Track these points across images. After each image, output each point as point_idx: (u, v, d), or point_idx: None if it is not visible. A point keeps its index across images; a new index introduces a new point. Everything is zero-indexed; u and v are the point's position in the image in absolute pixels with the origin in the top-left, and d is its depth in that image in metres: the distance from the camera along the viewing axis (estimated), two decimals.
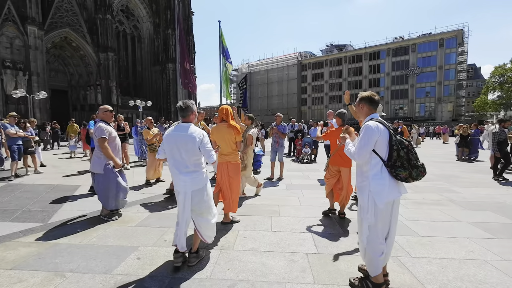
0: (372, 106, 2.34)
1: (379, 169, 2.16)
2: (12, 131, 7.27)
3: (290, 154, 12.65)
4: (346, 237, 3.39)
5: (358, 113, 2.46)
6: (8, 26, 23.76)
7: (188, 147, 2.64)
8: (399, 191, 2.16)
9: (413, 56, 54.78)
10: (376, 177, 2.15)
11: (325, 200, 5.01)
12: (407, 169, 2.09)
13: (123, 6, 36.83)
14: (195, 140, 2.63)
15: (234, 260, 2.83)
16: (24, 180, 6.85)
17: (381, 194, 2.12)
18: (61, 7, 28.50)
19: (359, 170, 2.36)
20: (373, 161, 2.19)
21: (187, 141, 2.64)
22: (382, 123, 2.21)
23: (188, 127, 2.69)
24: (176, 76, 37.64)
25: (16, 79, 24.05)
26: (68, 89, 33.06)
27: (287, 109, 64.10)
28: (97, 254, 2.96)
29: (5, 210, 4.47)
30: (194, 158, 2.69)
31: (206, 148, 2.68)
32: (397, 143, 2.13)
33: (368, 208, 2.18)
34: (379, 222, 2.16)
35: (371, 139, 2.15)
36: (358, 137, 2.28)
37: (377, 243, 2.18)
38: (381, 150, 2.17)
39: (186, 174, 2.67)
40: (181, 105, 2.77)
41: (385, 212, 2.16)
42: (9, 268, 2.67)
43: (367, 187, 2.19)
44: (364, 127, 2.22)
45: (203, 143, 2.67)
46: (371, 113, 2.33)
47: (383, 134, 2.15)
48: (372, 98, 2.34)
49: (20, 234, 3.50)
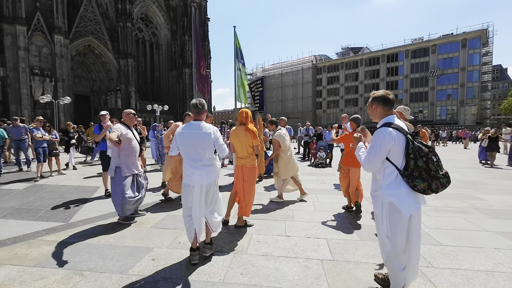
0: (386, 106, 2.10)
1: (393, 179, 1.98)
2: (38, 135, 7.67)
3: (304, 158, 12.51)
4: (363, 244, 3.28)
5: (371, 115, 2.22)
6: (37, 35, 25.29)
7: (206, 144, 2.84)
8: (417, 202, 1.97)
9: (433, 57, 52.94)
10: (391, 187, 1.98)
11: (341, 206, 4.92)
12: (425, 180, 1.87)
13: (142, 14, 38.25)
14: (211, 136, 2.84)
15: (247, 264, 2.80)
16: (48, 181, 7.19)
17: (396, 206, 1.95)
18: (85, 17, 30.01)
19: (373, 178, 2.18)
20: (387, 170, 2.00)
21: (204, 137, 2.83)
22: (397, 128, 1.98)
23: (201, 125, 2.88)
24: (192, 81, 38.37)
25: (43, 85, 25.47)
26: (90, 94, 34.58)
27: (302, 112, 63.66)
28: (114, 254, 3.03)
29: (30, 209, 4.69)
30: (209, 153, 2.89)
31: (219, 142, 2.89)
32: (415, 150, 1.90)
33: (383, 219, 2.05)
34: (396, 234, 1.99)
35: (382, 147, 1.96)
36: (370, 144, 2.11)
37: (397, 257, 2.03)
38: (396, 159, 1.97)
39: (202, 168, 2.84)
40: (196, 103, 2.91)
41: (403, 224, 1.97)
42: (32, 265, 2.79)
43: (380, 198, 2.05)
44: (376, 134, 2.02)
45: (217, 138, 2.88)
46: (387, 115, 2.10)
47: (397, 141, 1.94)
48: (386, 97, 2.09)
49: (43, 233, 3.66)
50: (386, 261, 2.13)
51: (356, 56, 62.72)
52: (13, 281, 2.49)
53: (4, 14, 23.72)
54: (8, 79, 24.30)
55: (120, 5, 33.05)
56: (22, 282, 2.47)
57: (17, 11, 24.02)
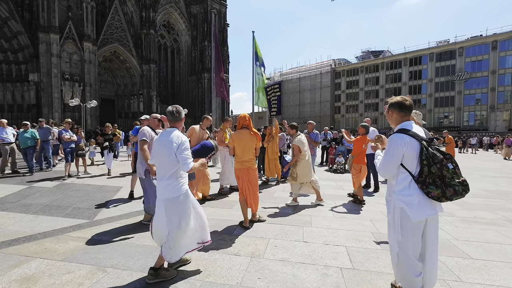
0: (403, 112, 2.09)
1: (407, 185, 1.99)
2: (67, 136, 8.13)
3: (322, 163, 12.28)
4: (385, 254, 3.15)
5: (388, 120, 2.23)
6: (69, 43, 26.97)
7: (167, 153, 2.48)
8: (433, 209, 1.95)
9: (460, 60, 50.47)
10: (403, 193, 1.99)
11: (360, 213, 4.79)
12: (439, 187, 1.86)
13: (165, 21, 39.70)
14: (172, 145, 2.46)
15: (265, 269, 2.78)
16: (75, 180, 7.57)
17: (407, 211, 1.95)
18: (112, 25, 31.62)
19: (388, 184, 2.21)
20: (400, 176, 2.02)
21: (166, 146, 2.50)
22: (412, 134, 1.97)
23: (172, 132, 2.54)
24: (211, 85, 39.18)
25: (72, 89, 27.03)
26: (115, 98, 36.20)
27: (320, 117, 62.79)
28: (135, 252, 3.13)
29: (59, 206, 4.96)
30: (170, 165, 2.50)
31: (182, 154, 2.45)
32: (429, 157, 1.90)
33: (395, 224, 2.05)
34: (408, 240, 1.99)
35: (395, 153, 1.98)
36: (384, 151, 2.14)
37: (409, 262, 2.01)
38: (410, 164, 1.98)
39: (162, 180, 2.54)
40: (172, 110, 2.62)
41: (416, 231, 1.97)
42: (60, 259, 2.94)
43: (393, 203, 2.06)
44: (389, 140, 2.05)
45: (180, 149, 2.46)
46: (403, 121, 2.10)
47: (411, 147, 1.94)
48: (403, 103, 2.08)
49: (70, 229, 3.85)
50: (396, 265, 2.11)
51: (376, 59, 61.13)
52: (42, 274, 2.63)
53: (40, 24, 25.53)
54: (41, 84, 26.03)
55: (144, 13, 34.53)
56: (51, 275, 2.60)
57: (52, 21, 25.78)
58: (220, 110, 41.48)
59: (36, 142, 8.70)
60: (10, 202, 5.16)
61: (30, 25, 26.72)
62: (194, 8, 41.76)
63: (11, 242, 3.36)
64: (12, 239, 3.45)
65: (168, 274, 2.57)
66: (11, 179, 7.42)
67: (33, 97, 26.63)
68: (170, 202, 2.49)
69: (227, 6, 44.41)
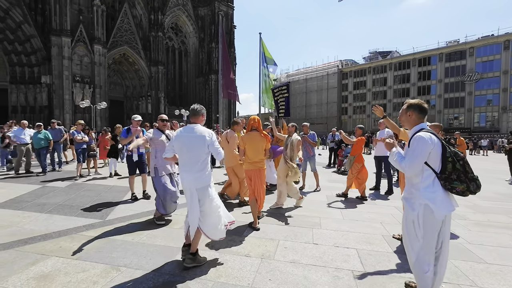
0: (421, 114, 2.23)
1: (431, 182, 2.07)
2: (78, 137, 8.30)
3: (330, 165, 12.21)
4: (396, 257, 3.12)
5: (404, 121, 2.33)
6: (79, 46, 27.57)
7: (197, 147, 2.78)
8: (452, 205, 2.06)
9: (470, 60, 49.49)
10: (428, 190, 2.06)
11: (370, 215, 4.76)
12: (464, 182, 2.00)
13: (173, 24, 40.19)
14: (205, 138, 2.78)
15: (275, 270, 2.79)
16: (86, 180, 7.72)
17: (432, 208, 2.03)
18: (121, 28, 32.19)
19: (408, 182, 2.26)
20: (425, 173, 2.09)
21: (196, 141, 2.78)
22: (435, 134, 2.11)
23: (195, 128, 2.85)
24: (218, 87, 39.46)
25: (83, 91, 27.60)
26: (124, 100, 36.77)
27: (327, 118, 62.44)
28: (147, 252, 3.17)
29: (72, 206, 5.07)
30: (200, 157, 2.81)
31: (214, 146, 2.82)
32: (452, 154, 2.04)
33: (419, 221, 2.09)
34: (429, 235, 2.07)
35: (424, 151, 2.05)
36: (409, 148, 2.15)
37: (426, 259, 2.09)
38: (434, 162, 2.07)
39: (192, 172, 2.79)
40: (192, 107, 2.97)
41: (436, 226, 2.06)
42: (75, 258, 3.00)
43: (417, 200, 2.11)
44: (417, 138, 2.09)
45: (212, 141, 2.81)
46: (420, 122, 2.23)
47: (436, 146, 2.05)
48: (422, 106, 2.24)
49: (84, 228, 3.93)
50: (415, 262, 2.15)
51: (384, 60, 60.46)
52: (58, 272, 2.69)
53: (52, 27, 26.19)
54: (53, 85, 26.66)
55: (153, 16, 35.04)
56: (67, 274, 2.66)
57: (63, 24, 26.41)
58: (227, 111, 41.69)
59: (49, 143, 8.91)
60: (25, 201, 5.30)
61: (42, 28, 27.43)
62: (202, 11, 42.15)
63: (27, 241, 3.45)
64: (28, 237, 3.55)
65: (202, 259, 2.88)
66: (25, 179, 7.62)
67: (45, 99, 27.28)
68: (202, 190, 2.80)
69: (234, 8, 44.68)
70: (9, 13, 25.87)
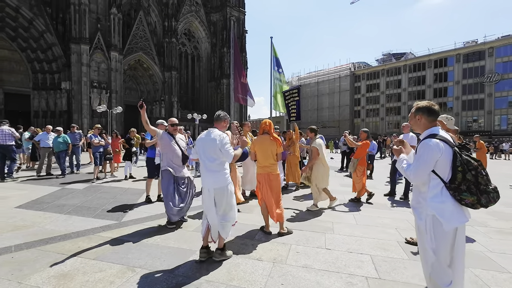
0: (431, 117, 2.08)
1: (439, 191, 1.94)
2: (96, 141, 8.59)
3: (342, 168, 12.03)
4: (412, 264, 3.03)
5: (414, 126, 2.20)
6: (97, 53, 28.65)
7: (213, 149, 2.99)
8: (462, 216, 1.91)
9: (490, 61, 47.73)
10: (436, 199, 1.94)
11: (384, 221, 4.65)
12: (474, 194, 1.84)
13: (186, 29, 41.08)
14: (216, 141, 2.97)
15: (288, 275, 2.77)
16: (103, 182, 7.96)
17: (440, 219, 1.91)
18: (136, 35, 33.20)
19: (415, 190, 2.16)
20: (432, 182, 1.97)
21: (211, 143, 3.00)
22: (444, 140, 1.95)
23: (212, 131, 3.10)
24: (230, 91, 39.83)
25: (100, 96, 28.58)
26: None
27: (339, 121, 61.68)
28: (161, 254, 3.24)
29: (89, 207, 5.24)
30: (217, 158, 3.01)
31: (225, 148, 2.97)
32: (463, 163, 1.87)
33: (427, 231, 2.00)
34: (441, 247, 1.95)
35: (430, 159, 1.93)
36: (415, 155, 2.08)
37: (441, 270, 1.98)
38: (442, 171, 1.94)
39: (210, 172, 3.02)
40: (218, 114, 3.25)
41: (448, 238, 1.93)
42: (92, 258, 3.10)
43: (425, 210, 2.01)
44: (423, 145, 1.98)
45: (223, 144, 2.96)
46: (431, 126, 2.08)
47: (445, 154, 1.91)
48: (431, 108, 2.08)
49: (100, 230, 4.05)
50: (430, 274, 2.04)
51: (398, 62, 59.26)
52: (77, 271, 2.79)
53: (72, 36, 27.36)
54: (72, 91, 27.76)
55: (167, 22, 35.96)
56: (85, 273, 2.76)
57: (82, 32, 27.54)
58: (238, 115, 41.94)
59: (68, 146, 9.27)
60: (46, 203, 5.52)
61: (63, 37, 28.69)
62: (214, 16, 42.87)
63: (48, 240, 3.60)
64: (49, 237, 3.70)
65: (228, 253, 3.11)
66: (45, 181, 7.95)
67: (65, 104, 28.43)
68: (219, 191, 2.99)
69: (245, 13, 45.16)
70: (32, 23, 27.26)
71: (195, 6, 40.29)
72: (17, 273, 2.73)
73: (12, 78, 28.49)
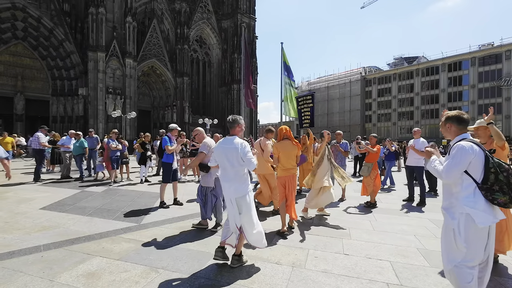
0: (461, 125, 2.23)
1: (471, 192, 2.04)
2: (113, 145, 8.85)
3: (355, 174, 11.89)
4: (434, 272, 2.99)
5: (445, 133, 2.34)
6: (113, 60, 29.57)
7: (233, 158, 2.93)
8: (495, 216, 2.01)
9: (507, 64, 46.34)
10: (468, 199, 2.03)
11: (402, 227, 4.60)
12: (506, 194, 1.96)
13: (197, 36, 41.91)
14: (238, 150, 2.91)
15: (308, 279, 2.79)
16: (120, 185, 8.17)
17: (474, 218, 1.98)
18: (150, 42, 34.13)
19: (447, 191, 2.22)
20: (465, 183, 2.07)
21: (231, 152, 2.94)
22: (477, 144, 2.08)
23: (233, 140, 2.99)
24: (240, 96, 40.17)
25: (115, 102, 29.37)
26: (151, 109, 38.55)
27: (349, 126, 60.96)
28: (181, 255, 3.32)
29: (109, 210, 5.40)
30: (237, 167, 2.95)
31: (247, 156, 2.90)
32: (495, 165, 2.00)
33: (459, 230, 2.05)
34: (472, 246, 2.01)
35: (464, 160, 2.04)
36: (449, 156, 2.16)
37: (464, 269, 2.04)
38: (475, 172, 2.05)
39: (231, 182, 2.97)
40: (229, 119, 3.13)
41: (480, 237, 2.02)
42: (116, 258, 3.21)
43: (458, 209, 2.07)
44: (457, 147, 2.11)
45: (245, 152, 2.90)
46: (461, 133, 2.22)
47: (478, 156, 2.03)
48: (461, 117, 2.23)
49: (122, 231, 4.18)
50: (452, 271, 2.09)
51: (411, 66, 58.30)
52: (103, 271, 2.90)
53: (90, 44, 28.41)
54: (89, 97, 28.70)
55: (179, 30, 36.81)
56: (111, 273, 2.86)
57: (99, 40, 28.56)
58: (248, 119, 42.13)
59: (84, 150, 9.59)
60: (68, 205, 5.73)
61: (81, 45, 29.80)
62: (225, 23, 43.57)
63: (73, 241, 3.74)
64: (74, 238, 3.84)
65: (245, 259, 3.09)
66: (65, 184, 8.24)
67: (81, 109, 29.37)
68: (242, 199, 2.96)
69: (256, 20, 45.70)
70: (53, 32, 28.48)
71: (207, 14, 41.12)
72: (48, 271, 2.86)
73: (33, 85, 29.74)
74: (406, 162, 6.89)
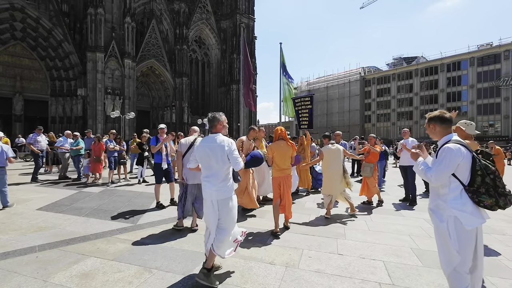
0: (444, 125, 2.19)
1: (458, 194, 2.03)
2: (111, 146, 8.86)
3: (353, 174, 11.90)
4: (427, 271, 3.01)
5: (430, 134, 2.30)
6: (111, 60, 29.59)
7: (218, 157, 2.71)
8: (481, 217, 2.01)
9: (506, 64, 46.43)
10: (456, 201, 2.03)
11: (397, 227, 4.61)
12: (493, 196, 1.96)
13: (196, 37, 41.96)
14: (224, 148, 2.71)
15: (300, 279, 2.81)
16: (117, 186, 8.18)
17: (461, 219, 1.99)
18: (149, 42, 34.16)
19: (434, 193, 2.21)
20: (452, 185, 2.06)
21: (217, 150, 2.71)
22: (464, 145, 2.06)
23: (216, 137, 2.77)
24: (239, 96, 40.18)
25: (113, 102, 29.39)
26: (150, 110, 38.59)
27: (349, 126, 61.02)
28: (176, 256, 3.33)
29: (105, 210, 5.41)
30: (222, 167, 2.74)
31: (233, 155, 2.72)
32: (482, 168, 1.99)
33: (450, 234, 2.04)
34: (466, 248, 2.01)
35: (452, 163, 2.01)
36: (436, 159, 2.13)
37: (462, 273, 2.02)
38: (462, 174, 2.04)
39: (213, 182, 2.73)
40: (209, 116, 2.90)
41: (469, 239, 2.01)
42: (111, 259, 3.23)
43: (446, 211, 2.07)
44: (445, 149, 2.06)
45: (231, 151, 2.72)
46: (447, 133, 2.18)
47: (465, 158, 2.02)
48: (443, 116, 2.18)
49: (117, 232, 4.19)
50: (451, 275, 2.07)
51: (410, 66, 58.41)
52: (97, 271, 2.91)
53: (88, 44, 28.42)
54: (87, 98, 28.71)
55: (178, 30, 36.85)
56: (105, 273, 2.87)
57: (98, 41, 28.58)
58: (247, 120, 42.17)
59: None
60: (65, 205, 5.74)
61: (79, 45, 29.82)
62: (224, 23, 43.62)
63: (69, 241, 3.75)
64: (69, 238, 3.85)
65: (214, 280, 2.64)
66: (63, 184, 8.24)
67: (80, 110, 29.39)
68: (223, 202, 2.73)
69: (255, 20, 45.74)
70: (51, 33, 28.49)
71: (206, 14, 41.17)
72: (42, 272, 2.87)
73: (31, 86, 29.75)
74: (399, 162, 6.91)
